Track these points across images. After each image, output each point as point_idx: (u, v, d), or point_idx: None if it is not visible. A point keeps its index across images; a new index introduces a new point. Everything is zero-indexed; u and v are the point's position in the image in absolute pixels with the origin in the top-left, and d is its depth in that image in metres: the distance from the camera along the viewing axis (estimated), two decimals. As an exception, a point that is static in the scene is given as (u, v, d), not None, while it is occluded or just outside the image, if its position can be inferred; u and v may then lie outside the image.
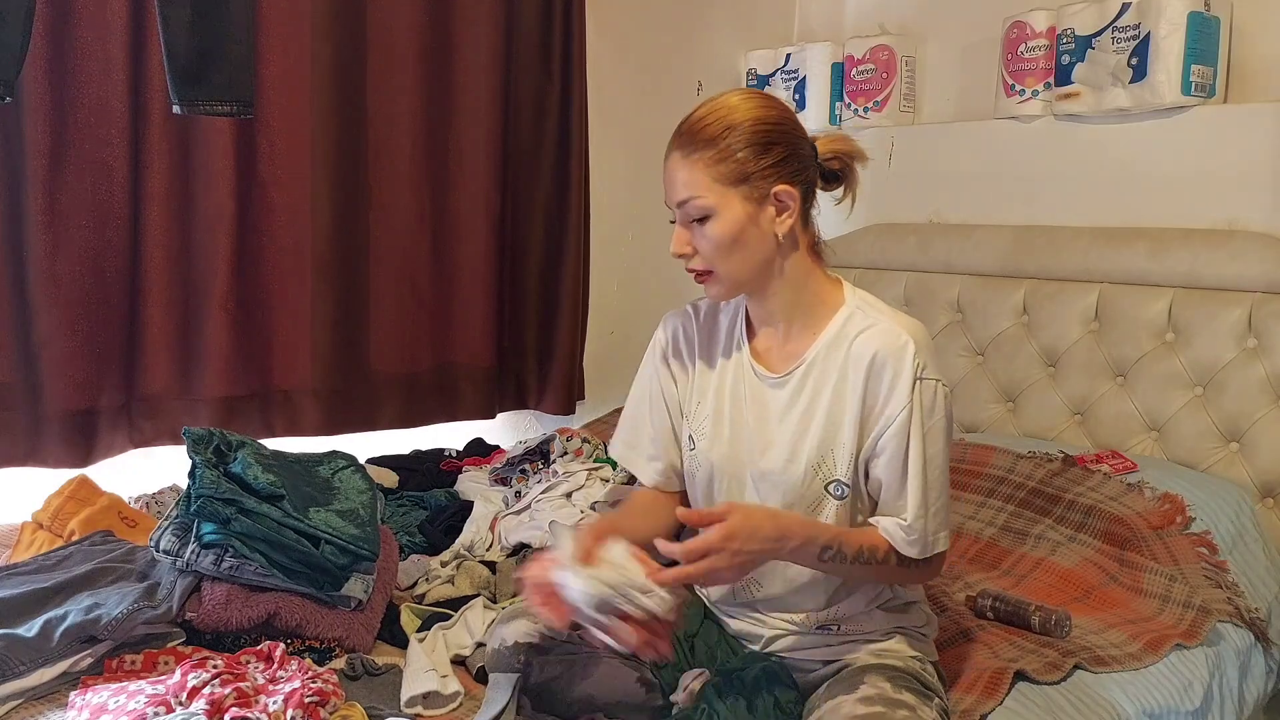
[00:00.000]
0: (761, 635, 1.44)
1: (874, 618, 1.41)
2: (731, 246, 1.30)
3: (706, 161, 1.28)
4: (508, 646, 1.40)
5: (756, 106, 1.31)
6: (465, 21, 2.57)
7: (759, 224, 1.31)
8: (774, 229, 1.32)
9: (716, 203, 1.29)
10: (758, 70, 3.18)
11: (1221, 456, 2.17)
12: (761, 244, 1.32)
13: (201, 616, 1.46)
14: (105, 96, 2.07)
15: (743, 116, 1.29)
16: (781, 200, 1.31)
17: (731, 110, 1.30)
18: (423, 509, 2.16)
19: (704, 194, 1.29)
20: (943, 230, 2.72)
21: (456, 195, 2.63)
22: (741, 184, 1.29)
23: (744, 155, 1.28)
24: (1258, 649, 1.80)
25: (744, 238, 1.30)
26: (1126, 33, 2.30)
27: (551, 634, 1.41)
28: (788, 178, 1.31)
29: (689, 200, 1.30)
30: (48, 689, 1.35)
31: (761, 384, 1.39)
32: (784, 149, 1.31)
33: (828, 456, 1.34)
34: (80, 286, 2.09)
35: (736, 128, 1.28)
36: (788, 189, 1.31)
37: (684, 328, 1.49)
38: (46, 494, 1.89)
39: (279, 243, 2.33)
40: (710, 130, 1.29)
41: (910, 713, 1.25)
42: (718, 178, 1.28)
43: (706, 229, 1.30)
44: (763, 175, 1.29)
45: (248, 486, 1.55)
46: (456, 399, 2.70)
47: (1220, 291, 2.19)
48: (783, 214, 1.31)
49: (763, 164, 1.29)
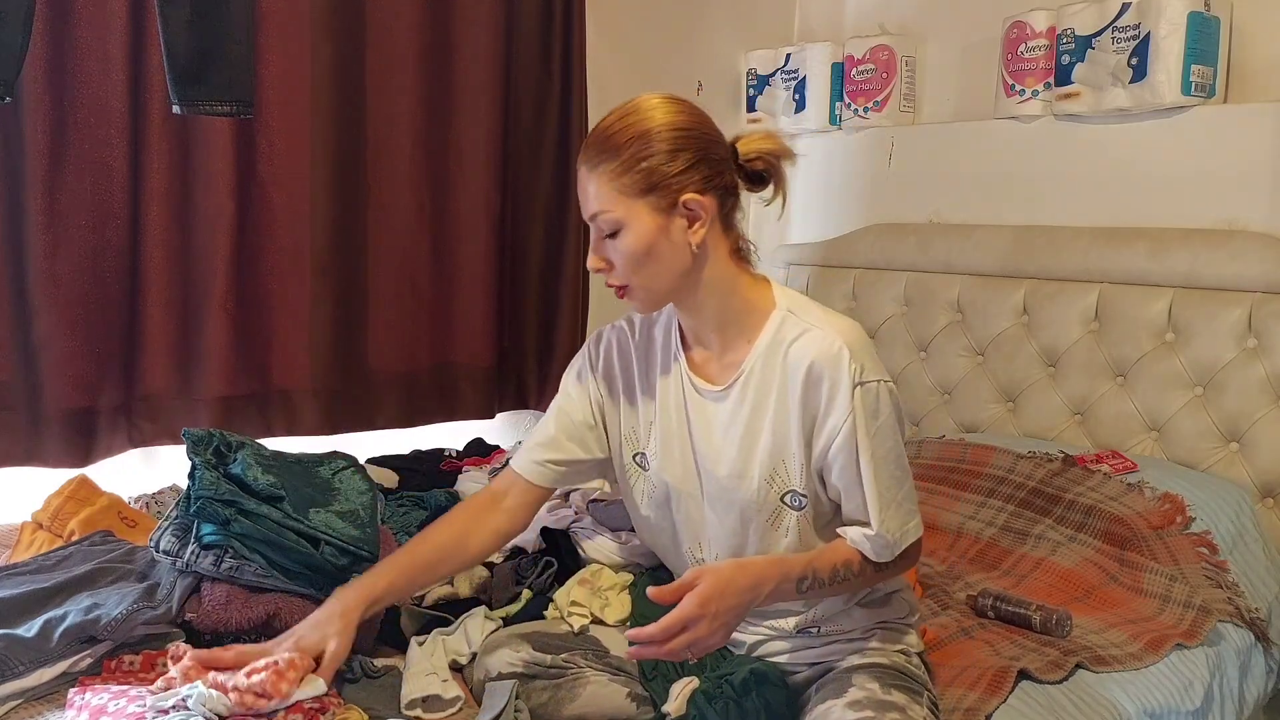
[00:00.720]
0: (744, 642, 1.44)
1: (854, 615, 1.39)
2: (644, 259, 1.26)
3: (612, 173, 1.24)
4: (491, 678, 1.39)
5: (664, 112, 1.26)
6: (465, 21, 2.57)
7: (670, 235, 1.26)
8: (687, 239, 1.27)
9: (624, 215, 1.24)
10: (758, 70, 3.18)
11: (1221, 456, 2.17)
12: (675, 255, 1.27)
13: (201, 617, 1.46)
14: (105, 96, 2.07)
15: (648, 124, 1.24)
16: (691, 209, 1.26)
17: (638, 118, 1.25)
18: (423, 509, 2.15)
19: (611, 207, 1.24)
20: (943, 230, 2.72)
21: (456, 195, 2.63)
22: (649, 194, 1.24)
23: (649, 165, 1.23)
24: (1258, 649, 1.80)
25: (656, 250, 1.25)
26: (1126, 33, 2.30)
27: (535, 661, 1.40)
28: (698, 185, 1.25)
29: (598, 214, 1.26)
30: (47, 689, 1.34)
31: (703, 398, 1.36)
32: (692, 154, 1.25)
33: (779, 468, 1.31)
34: (80, 286, 2.09)
35: (640, 136, 1.24)
36: (696, 198, 1.25)
37: (618, 344, 1.46)
38: (46, 494, 1.88)
39: (279, 243, 2.32)
40: (614, 140, 1.24)
41: (900, 714, 1.25)
42: (623, 189, 1.24)
43: (618, 243, 1.26)
44: (669, 184, 1.24)
45: (247, 487, 1.55)
46: (456, 399, 2.70)
47: (1220, 291, 2.19)
48: (694, 223, 1.26)
49: (668, 172, 1.24)
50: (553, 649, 1.42)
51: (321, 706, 1.27)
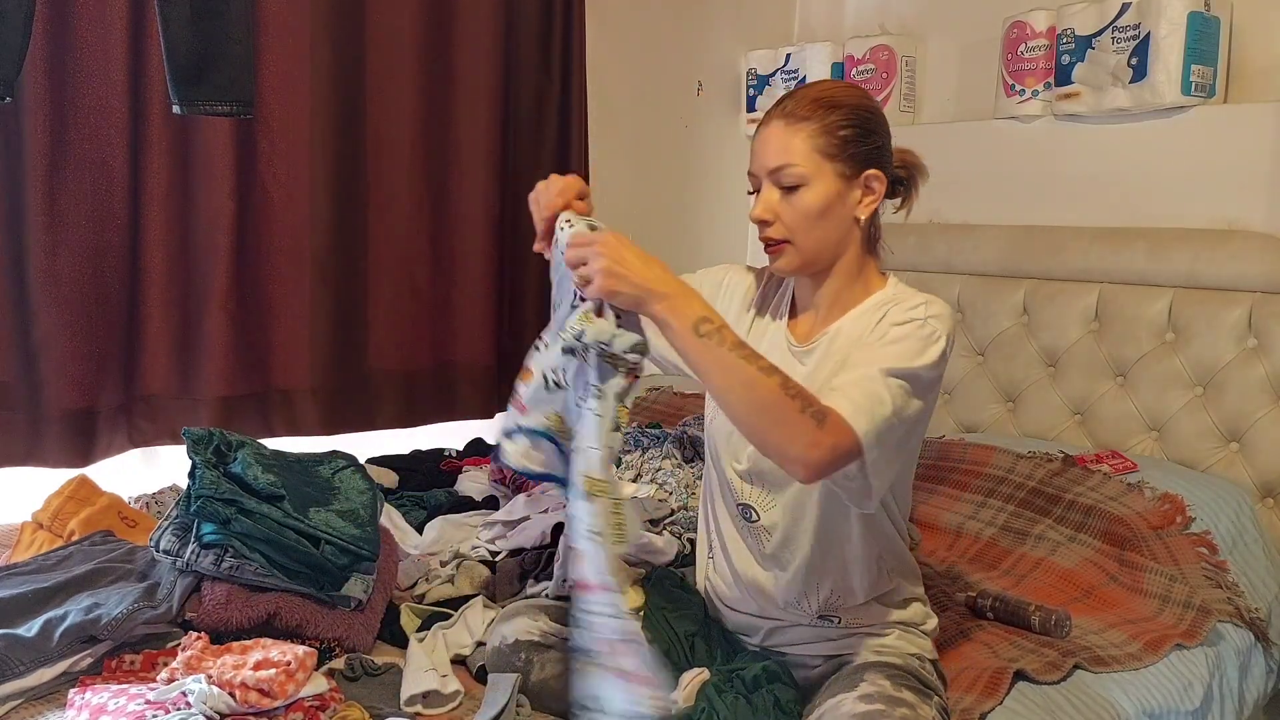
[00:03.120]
0: (760, 628, 1.45)
1: (873, 610, 1.42)
2: (818, 218, 1.33)
3: (810, 132, 1.32)
4: (508, 644, 1.41)
5: (862, 96, 1.38)
6: (465, 21, 2.57)
7: (845, 202, 1.34)
8: (856, 211, 1.35)
9: (812, 172, 1.32)
10: (758, 70, 3.18)
11: (1221, 456, 2.17)
12: (842, 222, 1.35)
13: (201, 616, 1.46)
14: (105, 96, 2.07)
15: (849, 99, 1.34)
16: (870, 185, 1.35)
17: (839, 92, 1.35)
18: (423, 509, 2.16)
19: (801, 162, 1.32)
20: (943, 230, 2.72)
21: (456, 195, 2.62)
22: (838, 160, 1.32)
23: (846, 134, 1.32)
24: (1258, 649, 1.80)
25: (830, 212, 1.33)
26: (1126, 33, 2.30)
27: (552, 632, 1.41)
28: (879, 165, 1.36)
29: (784, 167, 1.32)
30: (48, 689, 1.35)
31: (788, 354, 1.41)
32: (880, 139, 1.36)
33: None
34: (80, 286, 2.09)
35: (842, 107, 1.33)
36: (878, 174, 1.35)
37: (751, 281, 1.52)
38: (46, 494, 1.89)
39: (279, 243, 2.32)
40: (817, 104, 1.33)
41: (910, 711, 1.25)
42: (817, 149, 1.32)
43: (796, 198, 1.33)
44: (859, 157, 1.33)
45: (248, 487, 1.55)
46: (456, 398, 2.70)
47: (1220, 291, 2.19)
48: (867, 197, 1.36)
49: (862, 147, 1.33)
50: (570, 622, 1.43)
51: (322, 704, 1.28)
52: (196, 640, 1.35)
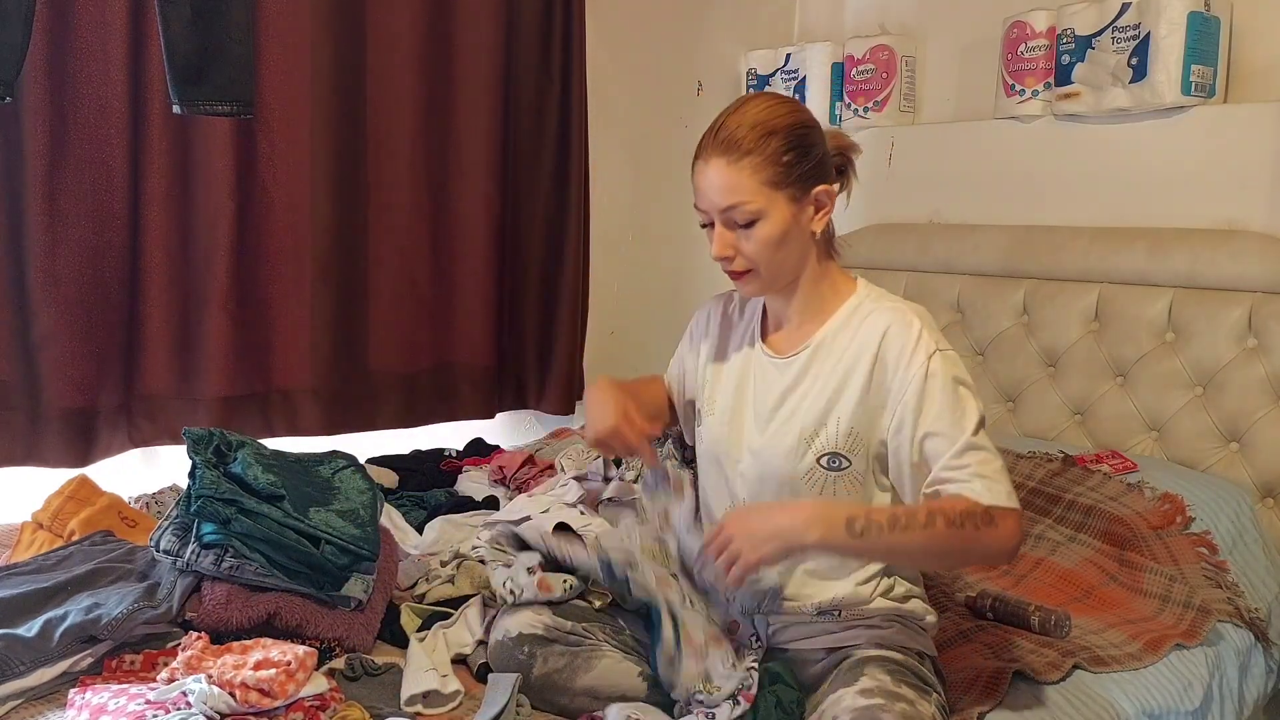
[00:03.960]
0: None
1: (872, 605, 1.42)
2: (778, 247, 1.35)
3: (754, 166, 1.32)
4: (511, 638, 1.42)
5: (793, 109, 1.37)
6: (465, 21, 2.57)
7: (800, 224, 1.37)
8: (811, 226, 1.38)
9: (765, 205, 1.33)
10: (758, 70, 3.18)
11: (1221, 456, 2.17)
12: (800, 243, 1.38)
13: (201, 616, 1.46)
14: (105, 96, 2.07)
15: (784, 120, 1.34)
16: (820, 200, 1.37)
17: (770, 114, 1.34)
18: (423, 509, 2.15)
19: (752, 198, 1.33)
20: (943, 230, 2.72)
21: (456, 195, 2.63)
22: (786, 186, 1.34)
23: (789, 159, 1.33)
24: (1258, 649, 1.80)
25: (788, 237, 1.36)
26: (1126, 33, 2.30)
27: (556, 626, 1.42)
28: (825, 177, 1.38)
29: (736, 206, 1.33)
30: (48, 689, 1.35)
31: (768, 365, 1.45)
32: (820, 149, 1.37)
33: (824, 428, 1.37)
34: (80, 286, 2.09)
35: (779, 131, 1.33)
36: (827, 189, 1.38)
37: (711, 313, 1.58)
38: (46, 494, 1.89)
39: (279, 243, 2.32)
40: (752, 136, 1.33)
41: (909, 706, 1.26)
42: (764, 181, 1.33)
43: (754, 231, 1.34)
44: (806, 176, 1.35)
45: (248, 487, 1.55)
46: (456, 399, 2.70)
47: (1220, 291, 2.19)
48: (820, 212, 1.38)
49: (805, 167, 1.34)
50: (574, 617, 1.46)
51: (323, 704, 1.28)
52: (197, 640, 1.35)
